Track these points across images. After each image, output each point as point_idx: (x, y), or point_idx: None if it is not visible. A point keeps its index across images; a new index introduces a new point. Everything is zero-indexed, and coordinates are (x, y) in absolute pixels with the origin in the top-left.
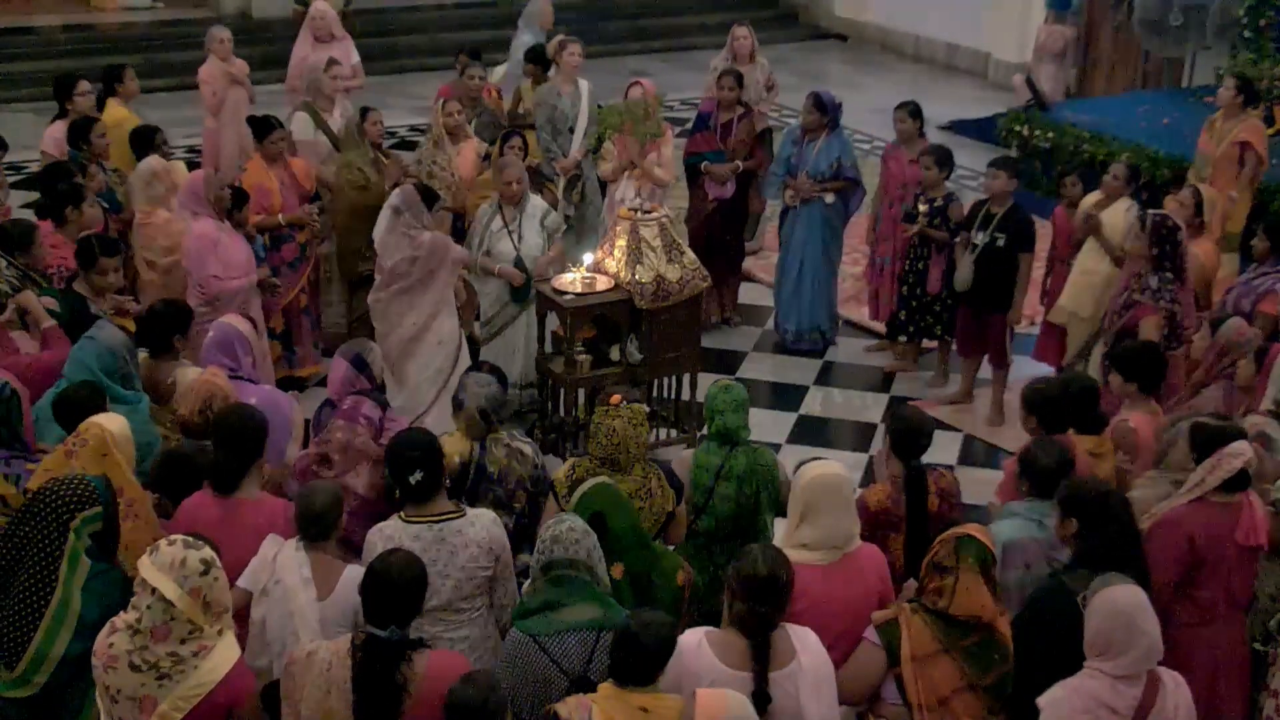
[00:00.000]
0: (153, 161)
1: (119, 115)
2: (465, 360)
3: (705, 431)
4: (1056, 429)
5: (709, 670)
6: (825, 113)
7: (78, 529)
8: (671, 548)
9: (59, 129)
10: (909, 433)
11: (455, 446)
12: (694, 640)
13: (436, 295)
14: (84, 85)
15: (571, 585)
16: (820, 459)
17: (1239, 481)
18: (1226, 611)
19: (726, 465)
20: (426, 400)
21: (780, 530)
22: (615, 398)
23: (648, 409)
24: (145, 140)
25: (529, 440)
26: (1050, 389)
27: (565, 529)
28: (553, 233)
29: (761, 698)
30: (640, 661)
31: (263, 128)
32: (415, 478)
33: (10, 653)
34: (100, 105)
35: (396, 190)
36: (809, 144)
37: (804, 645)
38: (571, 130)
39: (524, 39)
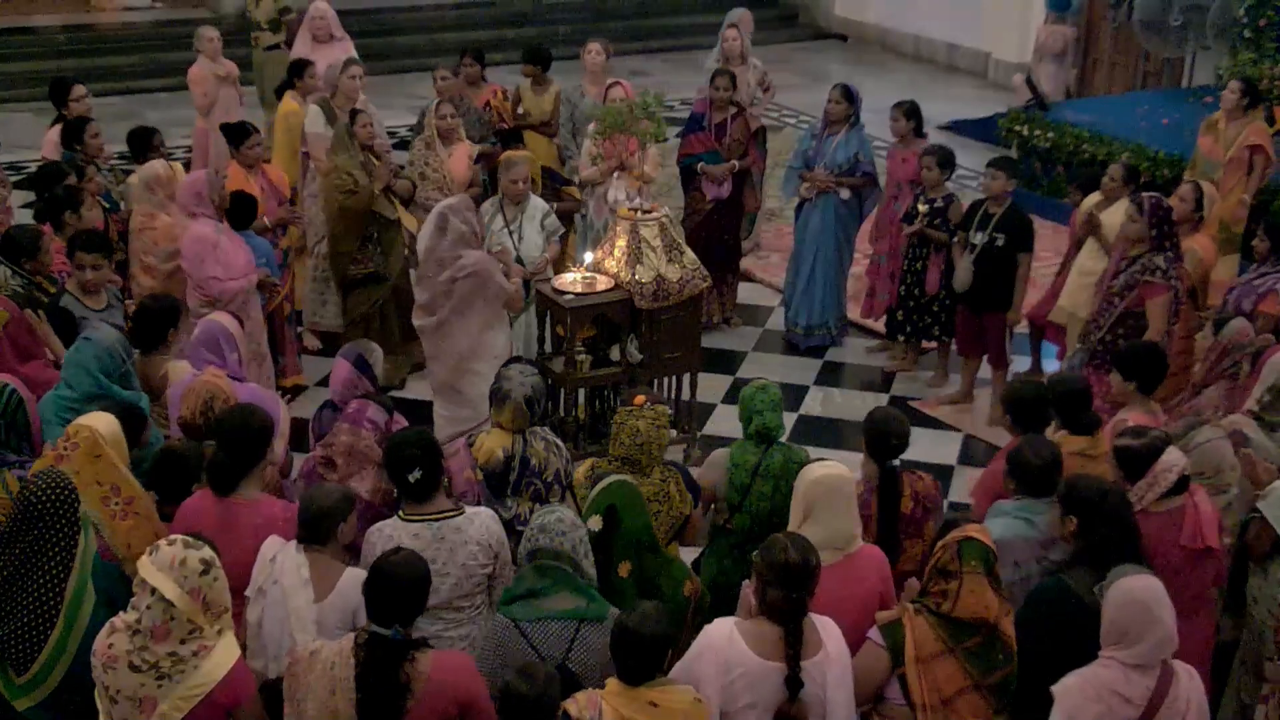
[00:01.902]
0: (157, 165)
1: (290, 106)
2: None
3: (743, 431)
4: (1031, 428)
5: (741, 661)
6: (852, 102)
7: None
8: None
9: (57, 133)
10: (881, 434)
11: (498, 441)
12: (725, 631)
13: (481, 317)
14: (79, 90)
15: (554, 575)
16: (823, 460)
17: (1177, 487)
18: (1178, 614)
19: (763, 464)
20: (486, 412)
21: None
22: (639, 398)
23: (671, 411)
24: (143, 141)
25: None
26: (1025, 389)
27: (554, 519)
28: (552, 234)
29: (794, 684)
30: (642, 655)
31: (238, 134)
32: (414, 476)
33: (23, 656)
34: (278, 95)
35: (458, 196)
36: (828, 138)
37: (828, 635)
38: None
39: (715, 51)
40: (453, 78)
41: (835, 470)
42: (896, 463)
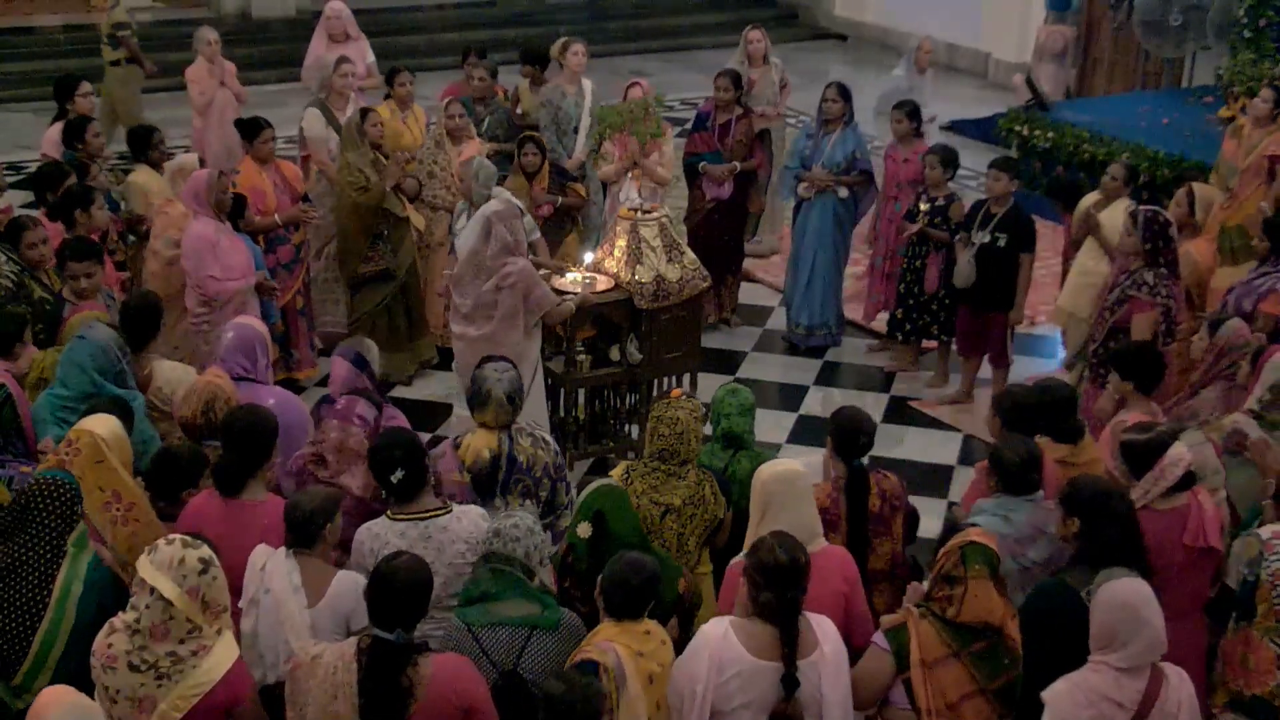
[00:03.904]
0: (186, 158)
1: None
2: (540, 374)
3: (710, 434)
4: (1021, 433)
5: (736, 660)
6: (848, 101)
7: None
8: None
9: (58, 131)
10: (848, 433)
11: (484, 442)
12: (719, 630)
13: (523, 326)
14: (85, 86)
15: (506, 580)
16: (777, 459)
17: (1182, 484)
18: (1177, 614)
19: (729, 468)
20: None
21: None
22: (676, 391)
23: (704, 407)
24: (143, 141)
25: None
26: (1020, 394)
27: (510, 525)
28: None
29: (790, 683)
30: (634, 596)
31: (251, 129)
32: (397, 476)
33: (10, 658)
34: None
35: (494, 200)
36: (824, 137)
37: (824, 634)
38: (576, 131)
39: (896, 73)
40: (490, 78)
41: (788, 466)
42: (864, 461)
